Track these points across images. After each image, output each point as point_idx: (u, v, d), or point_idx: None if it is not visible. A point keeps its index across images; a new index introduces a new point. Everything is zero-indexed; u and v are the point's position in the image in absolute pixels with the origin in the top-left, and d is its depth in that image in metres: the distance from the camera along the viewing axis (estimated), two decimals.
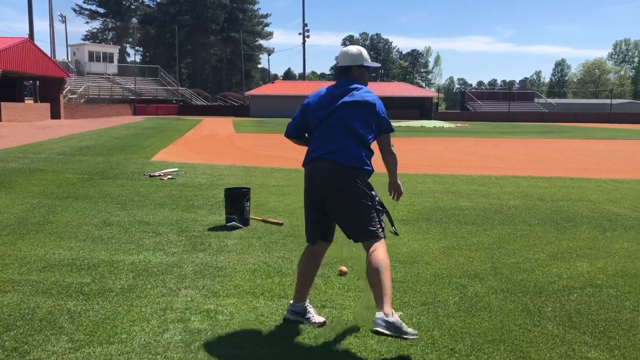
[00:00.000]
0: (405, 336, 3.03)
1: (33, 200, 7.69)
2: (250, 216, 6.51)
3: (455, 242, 5.77)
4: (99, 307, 3.79)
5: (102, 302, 3.88)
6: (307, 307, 3.62)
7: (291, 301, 3.68)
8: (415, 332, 3.14)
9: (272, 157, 14.92)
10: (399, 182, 3.75)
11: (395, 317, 3.04)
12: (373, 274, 3.23)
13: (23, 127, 26.60)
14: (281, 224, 6.41)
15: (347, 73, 3.59)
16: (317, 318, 3.58)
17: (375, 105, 3.52)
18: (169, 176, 10.29)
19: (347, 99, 3.49)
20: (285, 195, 8.46)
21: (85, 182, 9.51)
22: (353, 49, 3.63)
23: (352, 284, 4.36)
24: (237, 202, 6.24)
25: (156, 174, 10.43)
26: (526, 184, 10.27)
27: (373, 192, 3.51)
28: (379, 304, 3.12)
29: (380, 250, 3.31)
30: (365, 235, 3.39)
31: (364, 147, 3.49)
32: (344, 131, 3.46)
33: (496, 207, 7.77)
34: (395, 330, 3.01)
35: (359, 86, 3.56)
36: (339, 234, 3.66)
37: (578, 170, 13.00)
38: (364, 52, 3.66)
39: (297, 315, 3.59)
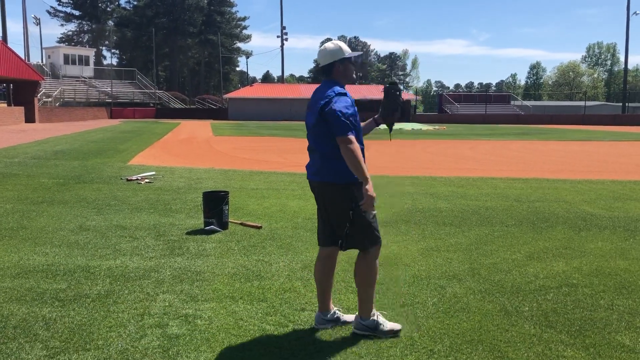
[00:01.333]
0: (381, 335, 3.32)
1: (7, 206, 7.55)
2: (229, 220, 6.47)
3: (434, 244, 5.81)
4: (75, 313, 3.73)
5: (78, 308, 3.82)
6: (335, 312, 3.63)
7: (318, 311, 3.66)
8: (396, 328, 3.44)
9: (250, 160, 14.87)
10: (366, 188, 3.25)
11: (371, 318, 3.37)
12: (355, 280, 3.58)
13: None
14: (260, 227, 6.39)
15: (330, 72, 3.45)
16: (348, 317, 3.66)
17: (324, 108, 3.29)
18: (147, 180, 10.19)
19: (316, 107, 3.38)
20: (264, 199, 8.43)
21: (61, 187, 9.36)
22: (330, 45, 3.47)
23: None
24: (215, 205, 6.21)
25: (133, 178, 10.32)
26: (503, 185, 10.38)
27: (352, 205, 3.36)
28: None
29: (361, 261, 3.54)
30: (349, 246, 3.53)
31: (329, 158, 3.36)
32: (311, 144, 3.50)
33: (474, 209, 7.84)
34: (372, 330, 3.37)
35: (331, 89, 3.37)
36: None
37: (554, 171, 13.19)
38: (343, 45, 3.49)
39: (331, 323, 3.59)
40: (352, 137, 3.23)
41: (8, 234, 5.95)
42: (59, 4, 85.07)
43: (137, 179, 10.23)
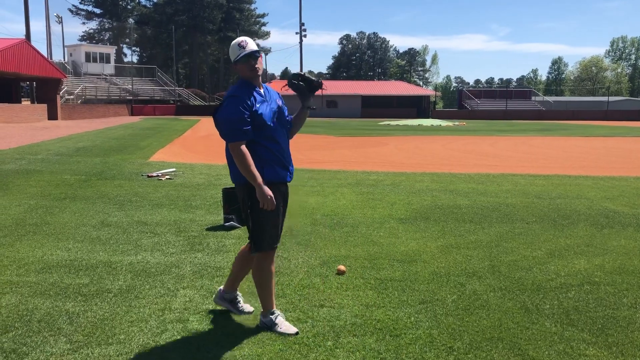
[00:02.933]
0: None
1: (30, 202, 7.68)
2: None
3: (454, 241, 5.78)
4: (98, 308, 3.79)
5: (101, 303, 3.87)
6: (237, 296, 3.80)
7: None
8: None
9: None
10: (262, 192, 3.25)
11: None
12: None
13: (20, 128, 26.54)
14: None
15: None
16: (247, 307, 3.78)
17: (214, 114, 3.37)
18: (167, 176, 10.28)
19: None
20: None
21: (83, 183, 9.49)
22: (232, 42, 3.44)
23: (351, 283, 4.36)
24: (235, 202, 6.23)
25: (154, 175, 10.42)
26: (524, 182, 10.28)
27: (248, 204, 3.39)
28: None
29: (255, 260, 3.57)
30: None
31: (230, 159, 3.41)
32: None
33: (494, 205, 7.78)
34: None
35: (229, 91, 3.40)
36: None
37: (575, 167, 13.02)
38: (234, 43, 3.40)
39: (226, 302, 3.77)
40: (236, 143, 3.25)
41: (32, 229, 6.06)
42: (80, 3, 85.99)
43: (158, 176, 10.33)
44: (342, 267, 4.67)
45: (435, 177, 10.87)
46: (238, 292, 3.78)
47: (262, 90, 3.44)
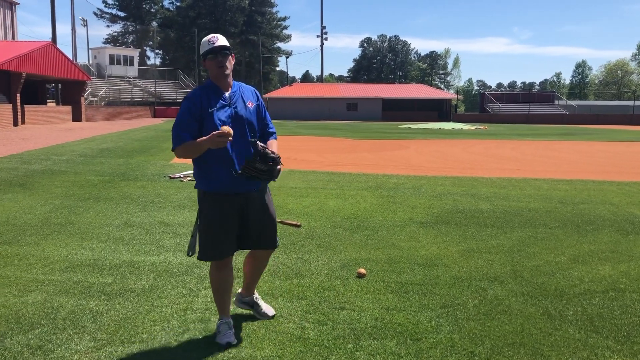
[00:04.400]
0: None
1: (55, 202, 7.81)
2: None
3: (475, 245, 5.73)
4: (121, 307, 3.84)
5: (124, 302, 3.93)
6: (256, 298, 3.77)
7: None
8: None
9: (289, 159, 14.95)
10: (206, 140, 3.14)
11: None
12: None
13: (45, 129, 27.01)
14: (299, 226, 6.43)
15: None
16: (267, 309, 3.74)
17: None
18: (189, 178, 10.37)
19: None
20: (303, 197, 8.48)
21: (106, 184, 9.63)
22: (204, 38, 3.33)
23: (371, 286, 4.36)
24: None
25: (176, 176, 10.53)
26: (546, 186, 10.16)
27: (201, 212, 3.37)
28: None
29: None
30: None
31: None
32: None
33: (516, 210, 7.70)
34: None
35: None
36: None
37: (599, 172, 12.83)
38: (205, 39, 3.30)
39: (247, 305, 3.76)
40: (177, 148, 3.20)
41: (57, 229, 6.16)
42: (105, 6, 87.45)
43: (180, 177, 10.43)
44: (362, 270, 4.66)
45: (457, 180, 10.79)
46: (256, 295, 3.77)
47: (227, 93, 3.29)
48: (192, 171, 11.53)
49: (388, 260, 5.12)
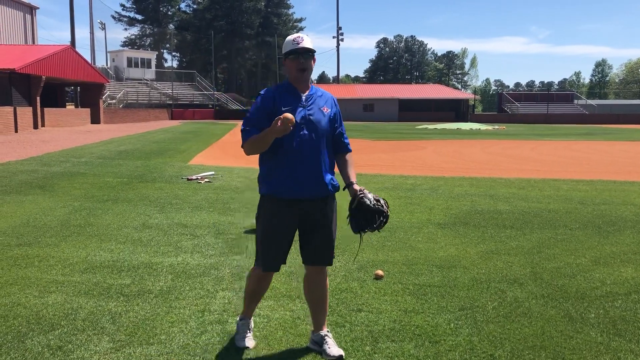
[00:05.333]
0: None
1: (75, 203, 7.89)
2: None
3: (494, 247, 5.67)
4: (139, 308, 3.86)
5: (142, 304, 3.95)
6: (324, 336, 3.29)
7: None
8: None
9: None
10: (272, 129, 3.01)
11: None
12: None
13: (65, 131, 27.35)
14: None
15: None
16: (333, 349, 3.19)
17: None
18: (206, 179, 10.42)
19: None
20: None
21: (125, 186, 9.71)
22: (288, 37, 3.22)
23: (389, 288, 4.33)
24: None
25: (193, 178, 10.58)
26: (566, 187, 10.03)
27: (258, 218, 3.31)
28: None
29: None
30: None
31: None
32: None
33: (535, 211, 7.61)
34: None
35: None
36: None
37: (621, 173, 12.64)
38: (289, 37, 3.19)
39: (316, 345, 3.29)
40: (243, 145, 3.14)
41: (76, 230, 6.22)
42: (123, 9, 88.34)
43: (197, 179, 10.48)
44: (380, 272, 4.63)
45: (475, 181, 10.71)
46: (325, 331, 3.29)
47: (303, 95, 3.17)
48: (209, 173, 11.52)
49: (406, 261, 5.09)
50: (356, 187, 3.25)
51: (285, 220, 3.15)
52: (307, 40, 3.15)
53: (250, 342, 3.30)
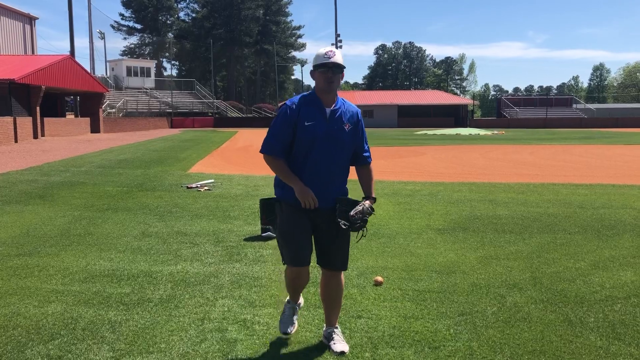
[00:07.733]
0: None
1: (75, 213, 7.89)
2: None
3: (493, 252, 5.68)
4: (139, 317, 3.86)
5: (142, 312, 3.95)
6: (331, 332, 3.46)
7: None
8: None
9: None
10: (298, 190, 3.22)
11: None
12: None
13: (64, 141, 27.38)
14: None
15: None
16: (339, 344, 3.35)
17: None
18: (206, 187, 10.43)
19: None
20: None
21: (124, 195, 9.72)
22: (320, 49, 3.31)
23: (388, 294, 4.33)
24: (272, 212, 6.28)
25: (193, 186, 10.59)
26: (565, 191, 10.04)
27: (275, 220, 3.49)
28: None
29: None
30: None
31: None
32: None
33: (535, 216, 7.62)
34: None
35: None
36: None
37: (620, 176, 12.65)
38: (321, 50, 3.26)
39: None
40: (266, 155, 3.24)
41: (76, 240, 6.23)
42: (122, 19, 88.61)
43: (197, 187, 10.49)
44: (379, 278, 4.64)
45: (474, 186, 10.72)
46: (334, 328, 3.44)
47: (328, 109, 3.24)
48: (209, 181, 11.53)
49: (405, 267, 5.09)
50: (366, 202, 3.32)
51: (298, 222, 3.27)
52: (338, 55, 3.23)
53: (292, 327, 3.45)
